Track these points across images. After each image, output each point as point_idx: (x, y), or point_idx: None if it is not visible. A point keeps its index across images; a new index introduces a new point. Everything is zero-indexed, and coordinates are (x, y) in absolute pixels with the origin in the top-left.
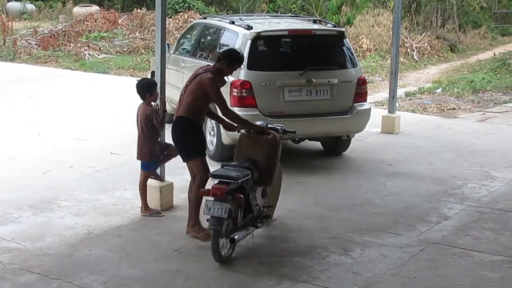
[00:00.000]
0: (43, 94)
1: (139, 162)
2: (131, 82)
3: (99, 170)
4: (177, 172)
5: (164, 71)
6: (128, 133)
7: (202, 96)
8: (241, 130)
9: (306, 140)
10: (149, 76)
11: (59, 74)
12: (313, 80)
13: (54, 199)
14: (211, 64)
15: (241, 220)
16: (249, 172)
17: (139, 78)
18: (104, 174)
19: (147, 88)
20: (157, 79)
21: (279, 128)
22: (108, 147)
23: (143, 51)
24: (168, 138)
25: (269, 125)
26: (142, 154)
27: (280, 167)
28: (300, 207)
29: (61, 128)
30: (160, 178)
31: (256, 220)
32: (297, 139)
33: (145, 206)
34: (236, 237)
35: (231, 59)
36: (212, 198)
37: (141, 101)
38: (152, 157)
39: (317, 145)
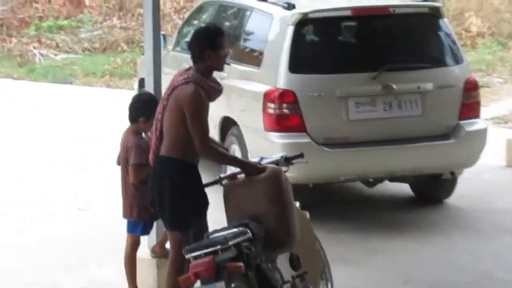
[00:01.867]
0: None
1: (124, 223)
2: (108, 97)
3: (60, 235)
4: None
5: (160, 78)
6: (106, 178)
7: (186, 119)
8: (223, 180)
9: (386, 182)
10: (135, 86)
11: None
12: (394, 87)
13: None
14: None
15: None
16: (245, 229)
17: (141, 92)
18: (68, 242)
19: (145, 107)
20: (149, 90)
21: (279, 158)
22: (72, 200)
23: (125, 47)
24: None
25: (264, 160)
26: (128, 209)
27: (302, 213)
28: None
29: (2, 169)
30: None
31: None
32: (371, 180)
33: None
34: None
35: (211, 38)
36: (199, 283)
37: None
38: (142, 214)
39: (404, 188)
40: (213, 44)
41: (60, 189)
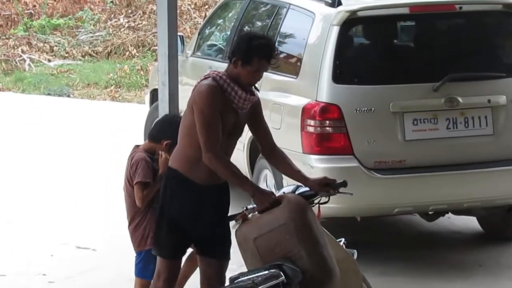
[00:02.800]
0: None
1: (129, 262)
2: (115, 113)
3: (55, 280)
4: None
5: (176, 89)
6: (106, 208)
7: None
8: (237, 221)
9: (449, 215)
10: (146, 99)
11: None
12: (460, 100)
13: None
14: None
15: None
16: (278, 271)
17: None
18: (63, 285)
19: (173, 130)
20: (163, 104)
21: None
22: (70, 235)
23: (134, 51)
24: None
25: (300, 189)
26: (138, 237)
27: (347, 252)
28: None
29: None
30: None
31: None
32: (431, 213)
33: None
34: None
35: (248, 49)
36: None
37: (134, 147)
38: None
39: (471, 223)
40: (246, 57)
41: (51, 217)
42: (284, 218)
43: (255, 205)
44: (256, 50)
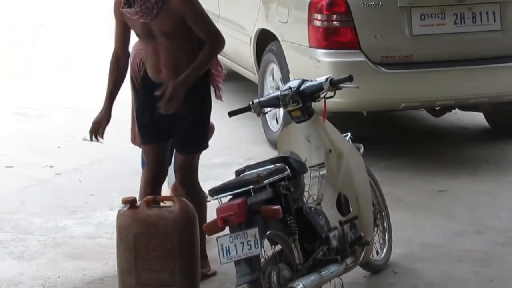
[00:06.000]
0: None
1: (135, 154)
2: None
3: (61, 172)
4: (210, 175)
5: None
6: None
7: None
8: (125, 204)
9: (456, 110)
10: None
11: None
12: None
13: None
14: None
15: (302, 258)
16: (283, 166)
17: None
18: (71, 180)
19: None
20: None
21: (324, 81)
22: (76, 127)
23: None
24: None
25: (305, 83)
26: (133, 131)
27: (353, 147)
28: (445, 238)
29: None
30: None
31: (339, 253)
32: (437, 108)
33: None
34: (300, 286)
35: None
36: (227, 230)
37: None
38: None
39: (477, 119)
40: None
41: (57, 109)
42: (171, 227)
43: (260, 100)
44: None
